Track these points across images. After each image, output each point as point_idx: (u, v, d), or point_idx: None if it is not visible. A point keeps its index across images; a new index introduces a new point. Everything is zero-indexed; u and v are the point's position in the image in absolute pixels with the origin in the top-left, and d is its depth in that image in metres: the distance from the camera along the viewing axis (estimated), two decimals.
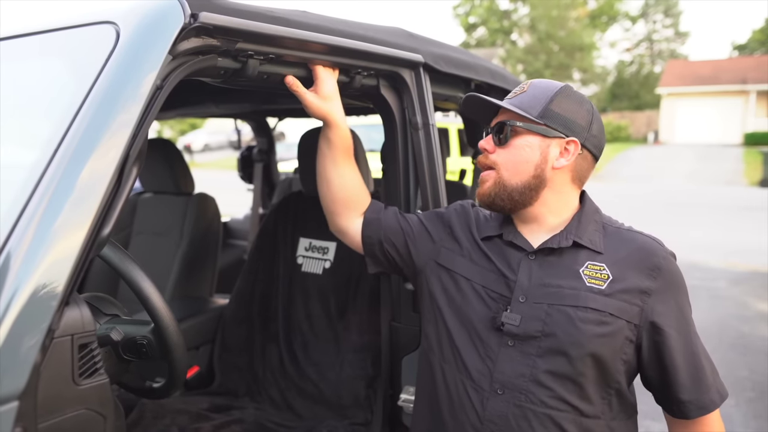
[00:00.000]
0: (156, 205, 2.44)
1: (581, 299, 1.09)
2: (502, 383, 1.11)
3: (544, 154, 1.14)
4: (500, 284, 1.16)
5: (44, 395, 0.76)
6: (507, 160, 1.16)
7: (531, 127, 1.14)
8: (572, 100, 1.16)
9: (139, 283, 1.09)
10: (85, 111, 0.84)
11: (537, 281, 1.13)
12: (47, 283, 0.75)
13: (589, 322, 1.07)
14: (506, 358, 1.11)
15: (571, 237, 1.14)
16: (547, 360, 1.09)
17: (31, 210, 0.77)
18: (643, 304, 1.09)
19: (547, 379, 1.08)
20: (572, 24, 35.38)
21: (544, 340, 1.09)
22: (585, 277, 1.11)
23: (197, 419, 1.65)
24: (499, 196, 1.16)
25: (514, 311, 1.12)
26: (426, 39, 1.66)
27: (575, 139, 1.14)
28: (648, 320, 1.09)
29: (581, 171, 1.18)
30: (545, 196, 1.16)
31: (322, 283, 1.91)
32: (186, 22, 0.92)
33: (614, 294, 1.09)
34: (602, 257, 1.13)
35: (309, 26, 1.20)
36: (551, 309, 1.10)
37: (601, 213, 1.22)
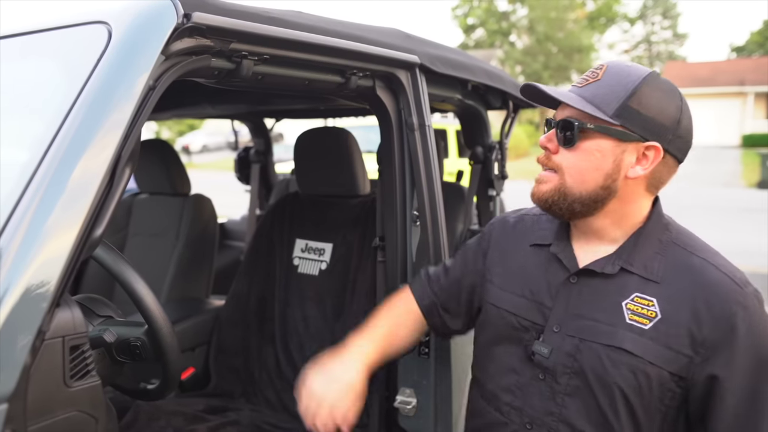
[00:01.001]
0: (152, 206, 2.43)
1: (616, 338, 0.94)
2: (531, 419, 1.02)
3: (618, 161, 0.96)
4: (533, 311, 1.05)
5: (34, 397, 0.76)
6: (573, 166, 0.98)
7: (604, 129, 0.95)
8: (658, 94, 0.95)
9: (132, 284, 1.09)
10: (76, 111, 0.83)
11: (573, 310, 1.00)
12: (37, 284, 0.74)
13: (621, 365, 0.93)
14: (536, 392, 1.02)
15: (620, 263, 0.98)
16: (577, 400, 0.98)
17: (21, 210, 0.76)
18: (695, 356, 0.91)
19: (576, 420, 0.98)
20: (571, 25, 35.43)
21: (573, 377, 0.98)
22: (627, 312, 0.95)
23: (193, 421, 1.64)
24: (557, 204, 1.00)
25: (546, 341, 1.01)
26: (422, 40, 1.66)
27: (657, 144, 0.95)
28: (700, 374, 0.91)
29: (659, 178, 0.99)
30: (611, 207, 0.99)
31: (319, 284, 1.91)
32: (179, 22, 0.92)
33: (659, 338, 0.92)
34: (656, 289, 0.95)
35: (304, 27, 1.19)
36: (582, 344, 0.97)
37: (672, 229, 1.02)
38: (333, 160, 1.92)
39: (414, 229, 1.56)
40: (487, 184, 2.44)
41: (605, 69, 0.98)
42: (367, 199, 1.95)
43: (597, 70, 0.99)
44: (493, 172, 2.41)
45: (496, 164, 2.41)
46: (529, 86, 1.02)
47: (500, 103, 2.30)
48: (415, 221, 1.55)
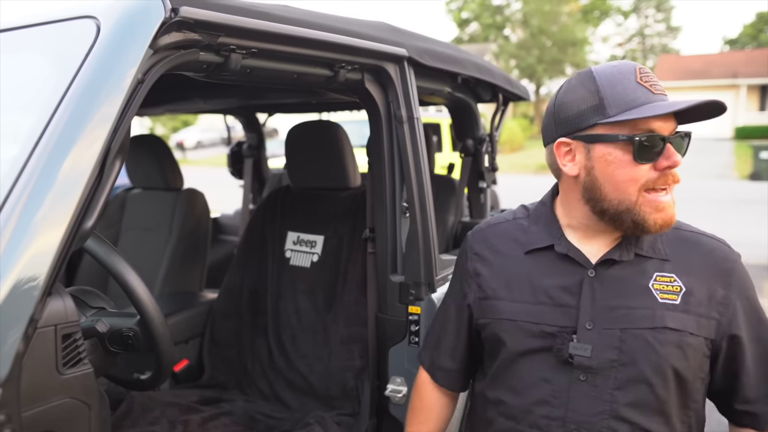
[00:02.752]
0: (145, 201, 2.44)
1: (657, 319, 0.97)
2: (578, 424, 0.99)
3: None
4: (557, 315, 1.02)
5: (28, 384, 0.77)
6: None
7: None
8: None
9: (124, 275, 1.10)
10: (65, 105, 0.85)
11: (603, 303, 1.00)
12: (29, 273, 0.76)
13: (669, 344, 0.96)
14: (579, 395, 0.99)
15: (632, 249, 1.02)
16: (628, 391, 0.97)
17: (12, 202, 0.78)
18: (720, 317, 0.99)
19: (629, 412, 0.97)
20: (565, 19, 35.40)
21: (621, 369, 0.97)
22: (656, 293, 0.99)
23: (187, 411, 1.66)
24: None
25: (583, 340, 0.99)
26: (411, 33, 1.67)
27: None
28: (727, 334, 0.99)
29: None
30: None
31: (310, 276, 1.93)
32: (167, 16, 0.93)
33: (690, 309, 0.98)
34: (671, 265, 1.01)
35: (292, 20, 1.21)
36: (625, 334, 0.98)
37: None
38: (324, 153, 1.93)
39: (403, 220, 1.58)
40: (477, 176, 2.46)
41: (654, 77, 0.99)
42: (358, 191, 1.97)
43: (655, 79, 0.98)
44: (484, 165, 2.43)
45: (487, 156, 2.44)
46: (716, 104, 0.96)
47: (490, 95, 2.32)
48: (404, 213, 1.57)
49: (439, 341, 1.23)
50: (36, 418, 0.80)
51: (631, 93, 0.95)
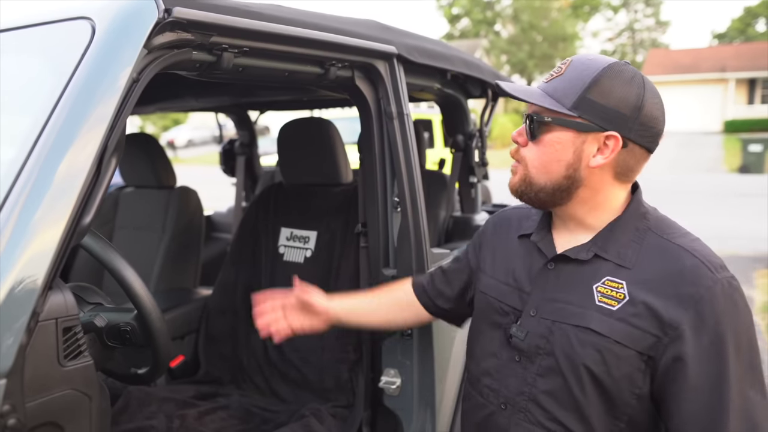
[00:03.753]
0: (138, 199, 2.45)
1: (584, 319, 0.98)
2: (506, 399, 1.07)
3: (578, 151, 0.99)
4: (513, 297, 1.10)
5: (31, 375, 0.80)
6: (536, 158, 1.03)
7: (561, 121, 0.99)
8: (617, 84, 0.97)
9: (121, 271, 1.12)
10: (62, 105, 0.87)
11: (549, 295, 1.05)
12: (30, 268, 0.78)
13: (587, 345, 0.97)
14: (511, 374, 1.07)
15: (594, 249, 1.02)
16: (547, 380, 1.02)
17: (13, 199, 0.80)
18: (663, 336, 0.93)
19: (545, 399, 1.02)
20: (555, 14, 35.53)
21: (545, 358, 1.02)
22: (597, 294, 0.99)
23: (183, 406, 1.69)
24: (526, 193, 1.06)
25: (523, 325, 1.06)
26: (400, 31, 1.70)
27: (615, 133, 0.97)
28: (666, 355, 0.93)
29: (627, 166, 1.00)
30: (582, 195, 1.03)
31: (304, 271, 1.95)
32: (160, 16, 0.95)
33: (626, 318, 0.95)
34: (627, 273, 0.98)
35: (283, 20, 1.23)
36: (554, 326, 1.02)
37: (650, 217, 1.04)
38: (316, 149, 1.96)
39: (395, 215, 1.61)
40: (468, 171, 2.49)
41: (569, 63, 1.02)
42: (350, 187, 1.99)
43: (562, 65, 1.03)
44: (474, 160, 2.47)
45: (477, 152, 2.47)
46: (498, 86, 1.09)
47: (479, 91, 2.35)
48: (395, 207, 1.60)
49: (442, 281, 1.34)
50: (39, 408, 0.82)
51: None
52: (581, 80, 0.98)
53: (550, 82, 1.02)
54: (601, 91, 0.96)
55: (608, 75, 0.97)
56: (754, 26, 39.72)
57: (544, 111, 1.01)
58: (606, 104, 0.96)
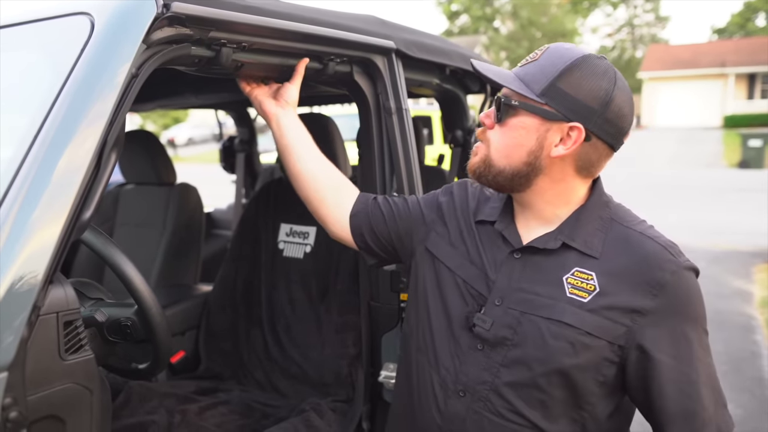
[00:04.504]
0: (138, 196, 2.46)
1: (556, 311, 0.98)
2: (465, 386, 1.04)
3: (541, 139, 0.99)
4: (480, 282, 1.07)
5: (32, 369, 0.80)
6: (499, 141, 1.02)
7: (528, 107, 0.99)
8: (587, 76, 0.97)
9: (121, 266, 1.13)
10: (61, 101, 0.87)
11: (516, 284, 1.03)
12: (31, 262, 0.79)
13: (560, 338, 0.97)
14: (473, 362, 1.04)
15: (562, 238, 1.01)
16: (511, 371, 1.00)
17: (12, 194, 0.81)
18: (632, 324, 0.95)
19: (507, 391, 1.00)
20: (554, 10, 35.49)
21: (512, 349, 1.00)
22: (567, 286, 0.99)
23: (184, 401, 1.69)
24: (484, 175, 1.05)
25: (487, 314, 1.03)
26: (398, 26, 1.70)
27: (579, 125, 0.97)
28: (636, 343, 0.95)
29: (589, 161, 1.01)
30: (540, 185, 1.03)
31: (304, 267, 1.96)
32: (159, 12, 0.95)
33: (598, 310, 0.96)
34: (595, 263, 0.99)
35: (281, 14, 1.23)
36: (523, 317, 1.00)
37: (612, 207, 1.06)
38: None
39: None
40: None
41: (545, 50, 1.02)
42: None
43: (538, 51, 1.03)
44: None
45: None
46: (473, 65, 1.08)
47: (478, 86, 2.35)
48: None
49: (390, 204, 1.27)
50: (40, 401, 0.83)
51: None
52: (553, 68, 0.98)
53: (524, 66, 1.03)
54: (570, 81, 0.97)
55: (580, 66, 0.97)
56: (754, 21, 39.66)
57: (513, 95, 1.00)
58: (574, 95, 0.97)
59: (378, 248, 1.26)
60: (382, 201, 1.29)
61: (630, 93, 1.01)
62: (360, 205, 1.29)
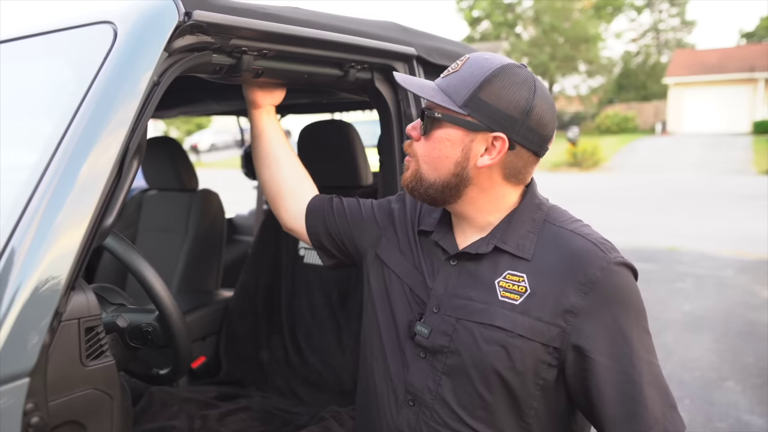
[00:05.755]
0: (161, 202, 2.49)
1: (488, 316, 0.97)
2: (413, 395, 1.04)
3: (467, 150, 0.99)
4: (422, 289, 1.07)
5: (54, 374, 0.81)
6: (426, 154, 1.03)
7: (451, 119, 0.99)
8: (507, 86, 0.97)
9: (143, 272, 1.14)
10: (85, 108, 0.88)
11: (451, 291, 1.03)
12: (53, 269, 0.79)
13: (493, 342, 0.96)
14: (417, 370, 1.04)
15: (493, 242, 1.01)
16: (451, 379, 1.00)
17: (36, 201, 0.82)
18: (565, 325, 0.94)
19: (450, 398, 1.00)
20: (577, 15, 35.17)
21: (450, 356, 1.00)
22: (499, 290, 0.98)
23: (205, 407, 1.70)
24: (416, 189, 1.05)
25: (427, 322, 1.03)
26: (419, 32, 1.70)
27: (502, 135, 0.97)
28: (571, 344, 0.94)
29: (515, 168, 1.01)
30: (471, 195, 1.03)
31: (324, 274, 1.96)
32: (180, 20, 0.96)
33: (529, 311, 0.95)
34: (526, 265, 0.99)
35: (302, 22, 1.24)
36: (458, 324, 1.00)
37: (545, 209, 1.05)
38: (335, 151, 1.96)
39: None
40: None
41: (466, 60, 1.01)
42: (370, 189, 1.99)
43: (459, 62, 1.02)
44: None
45: None
46: (395, 78, 1.09)
47: None
48: None
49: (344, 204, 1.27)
50: (62, 407, 0.83)
51: None
52: (474, 79, 0.98)
53: (446, 78, 1.03)
54: (491, 91, 0.97)
55: (500, 76, 0.97)
56: None
57: (436, 107, 1.01)
58: (495, 105, 0.97)
59: (333, 248, 1.27)
60: (336, 201, 1.29)
61: (551, 100, 1.01)
62: (316, 201, 1.30)
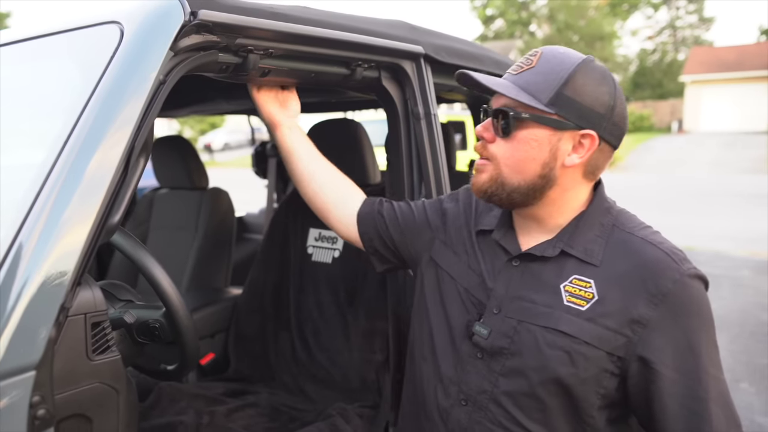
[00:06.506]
0: (172, 200, 2.52)
1: (552, 320, 0.95)
2: (467, 395, 1.03)
3: (554, 150, 0.96)
4: (480, 290, 1.06)
5: (60, 368, 0.83)
6: (509, 156, 0.98)
7: (537, 118, 0.95)
8: (591, 81, 0.95)
9: (150, 269, 1.15)
10: (92, 106, 0.90)
11: (513, 292, 1.01)
12: (60, 264, 0.81)
13: (556, 347, 0.94)
14: (473, 370, 1.03)
15: (560, 245, 0.99)
16: (509, 381, 0.99)
17: (43, 198, 0.83)
18: (632, 335, 0.92)
19: (506, 400, 0.99)
20: (592, 13, 34.87)
21: (510, 358, 0.99)
22: (564, 294, 0.96)
23: (213, 403, 1.72)
24: (496, 194, 1.01)
25: (486, 323, 1.02)
26: (427, 30, 1.69)
27: (592, 132, 0.95)
28: (637, 354, 0.92)
29: (595, 165, 1.00)
30: (551, 195, 1.00)
31: (332, 272, 1.96)
32: (186, 19, 0.97)
33: (595, 318, 0.93)
34: (594, 271, 0.96)
35: (308, 21, 1.24)
36: (520, 326, 0.98)
37: (614, 213, 1.02)
38: (344, 150, 1.96)
39: None
40: None
41: (540, 55, 0.98)
42: (378, 188, 1.99)
43: (531, 57, 0.99)
44: None
45: None
46: (464, 74, 1.03)
47: None
48: None
49: (395, 209, 1.27)
50: (68, 400, 0.85)
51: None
52: (556, 75, 0.94)
53: (521, 74, 0.98)
54: (575, 88, 0.94)
55: (583, 72, 0.95)
56: None
57: (520, 106, 0.96)
58: (582, 102, 0.94)
59: (387, 253, 1.27)
60: (387, 206, 1.28)
61: (622, 92, 1.00)
62: (366, 208, 1.29)
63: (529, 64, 0.98)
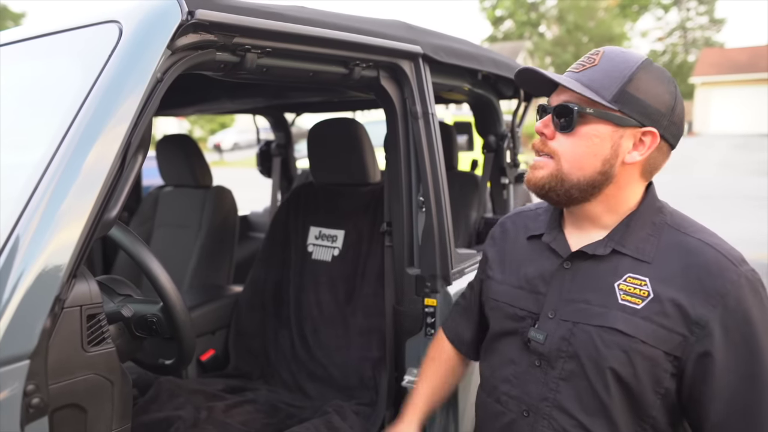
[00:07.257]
0: (176, 198, 2.55)
1: (608, 319, 0.95)
2: (528, 406, 1.03)
3: (616, 146, 0.96)
4: (528, 300, 1.07)
5: (55, 359, 0.84)
6: (570, 152, 0.98)
7: (601, 114, 0.95)
8: (654, 80, 0.96)
9: (148, 264, 1.17)
10: (89, 102, 0.91)
11: (567, 295, 1.01)
12: (56, 256, 0.83)
13: (614, 346, 0.93)
14: (533, 379, 1.03)
15: (612, 244, 0.99)
16: (571, 384, 0.98)
17: (41, 191, 0.85)
18: (690, 335, 0.90)
19: (570, 405, 0.98)
20: (601, 14, 34.69)
21: (568, 361, 0.98)
22: (619, 293, 0.96)
23: (212, 399, 1.73)
24: (554, 190, 1.00)
25: (541, 328, 1.02)
26: (426, 30, 1.70)
27: (653, 129, 0.96)
28: (693, 355, 0.90)
29: (654, 164, 1.00)
30: (608, 192, 1.00)
31: (331, 269, 1.98)
32: (183, 18, 0.99)
33: (651, 317, 0.92)
34: (649, 269, 0.95)
35: (305, 20, 1.25)
36: (576, 328, 0.98)
37: (666, 212, 1.02)
38: (344, 149, 1.98)
39: (420, 214, 1.61)
40: (500, 172, 2.47)
41: (602, 54, 0.99)
42: (377, 187, 2.01)
43: (594, 56, 0.99)
44: (506, 161, 2.44)
45: (508, 152, 2.44)
46: (527, 70, 1.02)
47: (512, 92, 2.33)
48: (420, 207, 1.60)
49: (464, 311, 1.32)
50: (62, 390, 0.87)
51: None
52: (620, 73, 0.95)
53: (583, 72, 0.98)
54: (638, 86, 0.95)
55: (645, 70, 0.96)
56: None
57: (586, 101, 0.96)
58: (645, 99, 0.95)
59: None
60: (454, 310, 1.36)
61: (681, 94, 1.01)
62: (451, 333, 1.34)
63: (591, 62, 0.99)
